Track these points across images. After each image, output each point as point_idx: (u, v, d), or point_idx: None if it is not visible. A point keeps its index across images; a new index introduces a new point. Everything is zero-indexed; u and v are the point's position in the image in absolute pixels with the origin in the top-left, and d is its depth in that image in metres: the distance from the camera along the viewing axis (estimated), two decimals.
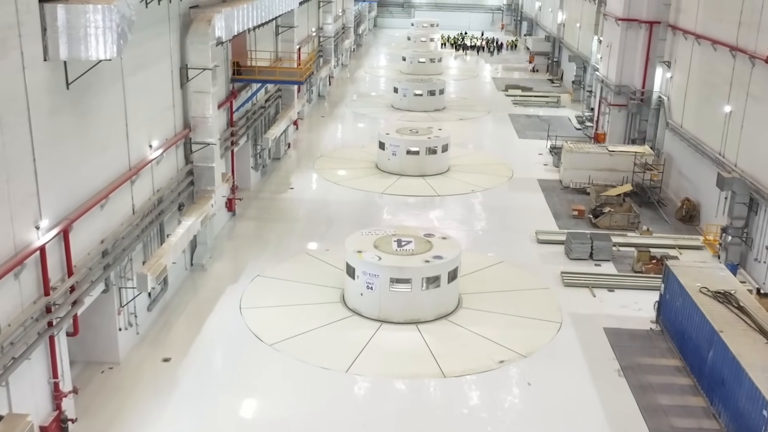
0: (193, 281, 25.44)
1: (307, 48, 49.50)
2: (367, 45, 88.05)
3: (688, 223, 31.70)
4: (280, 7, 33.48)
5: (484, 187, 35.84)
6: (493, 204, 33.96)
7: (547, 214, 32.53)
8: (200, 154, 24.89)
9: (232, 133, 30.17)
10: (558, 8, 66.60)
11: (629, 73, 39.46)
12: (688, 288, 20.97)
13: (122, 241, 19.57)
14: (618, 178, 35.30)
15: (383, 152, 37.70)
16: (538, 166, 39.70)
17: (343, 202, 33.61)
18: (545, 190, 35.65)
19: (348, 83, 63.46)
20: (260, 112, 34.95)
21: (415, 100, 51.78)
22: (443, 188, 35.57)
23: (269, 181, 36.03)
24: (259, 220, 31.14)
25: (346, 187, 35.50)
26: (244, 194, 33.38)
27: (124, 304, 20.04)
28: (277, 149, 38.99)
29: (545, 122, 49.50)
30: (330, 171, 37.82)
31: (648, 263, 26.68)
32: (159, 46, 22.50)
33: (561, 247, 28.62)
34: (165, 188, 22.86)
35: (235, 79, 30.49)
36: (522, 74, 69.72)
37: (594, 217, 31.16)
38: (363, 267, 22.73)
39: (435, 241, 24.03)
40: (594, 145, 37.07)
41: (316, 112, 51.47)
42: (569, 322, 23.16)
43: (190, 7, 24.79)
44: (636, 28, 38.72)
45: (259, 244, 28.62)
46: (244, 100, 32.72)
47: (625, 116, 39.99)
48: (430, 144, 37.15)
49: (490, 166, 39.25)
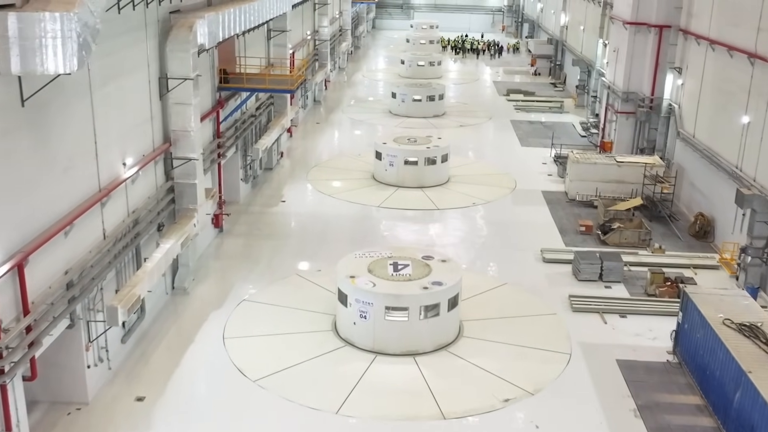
0: (175, 306, 23.68)
1: (302, 52, 47.76)
2: (365, 47, 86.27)
3: (702, 239, 29.94)
4: (271, 10, 31.68)
5: (486, 200, 34.07)
6: (495, 218, 32.20)
7: (552, 230, 30.77)
8: (182, 170, 23.13)
9: (219, 144, 28.43)
10: (561, 10, 64.83)
11: (637, 79, 37.69)
12: (710, 319, 19.22)
13: (91, 270, 17.82)
14: (627, 190, 33.56)
15: (380, 162, 35.94)
16: (542, 176, 37.94)
17: (338, 217, 31.86)
18: (550, 203, 33.91)
19: (345, 87, 61.70)
20: (250, 121, 33.21)
21: (413, 106, 50.01)
22: (443, 201, 33.81)
23: (260, 194, 34.28)
24: (248, 237, 29.38)
25: (340, 199, 33.74)
26: (233, 208, 31.63)
27: (93, 339, 18.30)
28: (269, 159, 37.24)
29: (548, 129, 47.75)
30: (324, 182, 36.06)
31: (662, 286, 24.93)
32: (135, 55, 20.75)
33: (568, 267, 26.88)
34: (142, 208, 21.12)
35: (222, 87, 28.75)
36: (524, 78, 67.96)
37: (603, 234, 29.40)
38: (356, 294, 20.97)
39: (434, 265, 22.27)
40: (601, 156, 35.31)
41: (311, 118, 49.71)
42: (579, 353, 21.40)
43: (171, 12, 23.04)
44: (645, 33, 36.96)
45: (247, 264, 26.86)
46: (233, 109, 30.99)
47: (633, 124, 38.23)
48: (429, 154, 35.39)
49: (492, 177, 37.49)
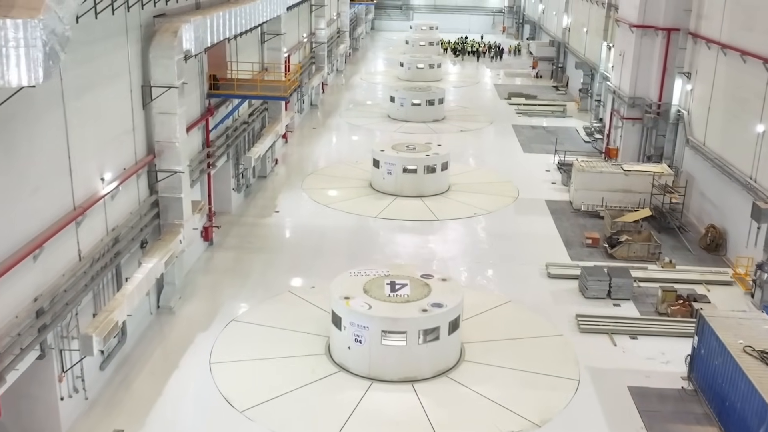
0: (159, 327, 22.40)
1: (298, 55, 46.49)
2: (364, 49, 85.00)
3: (713, 252, 28.65)
4: (265, 13, 30.43)
5: (488, 210, 32.78)
6: (497, 230, 30.91)
7: (557, 242, 29.49)
8: (166, 183, 21.85)
9: (209, 154, 27.14)
10: (563, 12, 63.54)
11: (644, 84, 36.41)
12: (729, 346, 17.94)
13: (64, 295, 16.56)
14: (634, 200, 32.29)
15: (378, 171, 34.65)
16: (545, 184, 36.66)
17: (333, 228, 30.57)
18: (554, 213, 32.62)
19: (343, 90, 60.41)
20: (243, 128, 31.93)
21: (412, 110, 48.72)
22: (443, 211, 32.52)
23: (253, 204, 32.98)
24: (239, 250, 28.08)
25: (336, 209, 32.44)
26: (224, 219, 30.36)
27: (66, 369, 17.03)
28: (262, 166, 35.94)
29: (551, 134, 46.50)
30: (320, 191, 34.77)
31: (674, 304, 23.66)
32: (115, 62, 19.46)
33: (575, 283, 25.59)
34: (123, 225, 19.83)
35: (212, 94, 27.45)
36: (525, 80, 66.69)
37: (610, 247, 28.11)
38: (350, 317, 19.69)
39: (433, 284, 20.99)
40: (607, 164, 34.03)
41: (307, 123, 48.43)
42: (588, 378, 20.11)
43: (155, 16, 21.76)
44: (652, 36, 35.69)
45: (238, 280, 25.58)
46: (224, 116, 29.70)
47: (640, 131, 36.95)
48: (428, 162, 34.09)
49: (494, 185, 36.20)
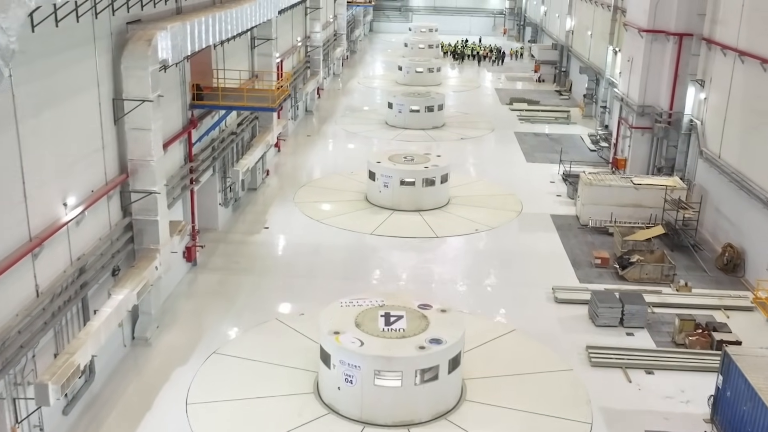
0: (134, 361, 20.61)
1: (292, 60, 44.69)
2: (362, 51, 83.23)
3: (731, 273, 26.85)
4: (254, 17, 28.63)
5: (490, 226, 30.98)
6: (500, 248, 29.11)
7: (564, 262, 27.69)
8: (141, 204, 20.05)
9: (191, 169, 25.34)
10: (566, 14, 61.76)
11: (654, 91, 34.60)
12: (761, 391, 16.16)
13: (18, 337, 14.78)
14: (645, 215, 30.51)
15: (373, 183, 32.84)
16: (550, 197, 34.86)
17: (326, 247, 28.76)
18: (560, 229, 30.82)
19: (339, 95, 58.61)
20: (230, 140, 30.13)
21: (411, 117, 46.91)
22: (443, 227, 30.71)
23: (241, 219, 31.16)
24: (225, 272, 26.26)
25: (330, 225, 30.64)
26: (210, 237, 28.58)
27: (21, 420, 15.24)
28: (252, 178, 34.14)
29: (555, 142, 44.72)
30: (313, 205, 32.95)
31: (693, 334, 21.88)
32: (81, 75, 17.66)
33: (584, 309, 23.82)
34: (90, 253, 18.04)
35: (195, 105, 25.67)
36: (527, 84, 64.87)
37: (621, 268, 26.33)
38: (340, 354, 17.90)
39: (432, 316, 19.18)
40: (616, 176, 32.22)
41: (302, 130, 46.62)
42: (601, 422, 18.32)
43: (129, 23, 19.96)
44: (662, 41, 33.89)
45: (222, 305, 23.78)
46: (210, 127, 27.90)
47: (649, 141, 35.14)
48: (427, 174, 32.29)
49: (496, 198, 34.40)
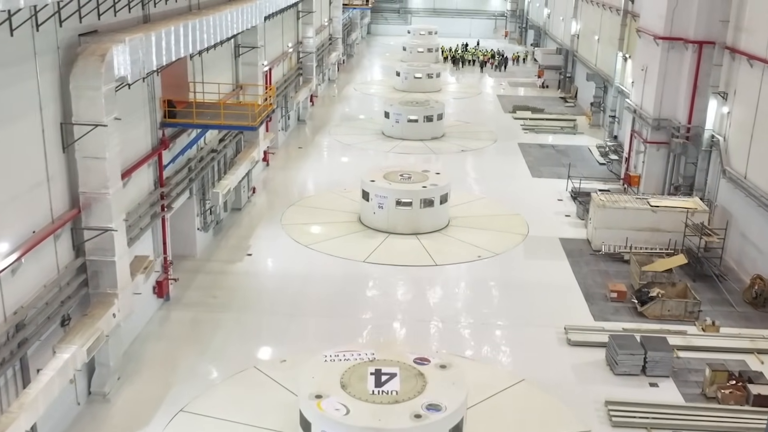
0: (90, 419, 18.02)
1: (283, 67, 42.11)
2: (359, 55, 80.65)
3: (760, 308, 24.27)
4: (235, 24, 26.06)
5: (494, 252, 28.38)
6: (505, 278, 26.50)
7: (576, 295, 25.13)
8: (96, 243, 17.46)
9: (163, 195, 22.77)
10: (571, 17, 59.18)
11: (671, 103, 32.03)
12: None
13: None
14: (663, 240, 27.96)
15: (367, 204, 30.26)
16: (558, 217, 32.28)
17: (314, 277, 26.17)
18: (571, 256, 28.25)
19: (334, 102, 56.03)
20: (210, 158, 27.56)
21: (409, 127, 44.32)
22: (442, 253, 28.13)
23: (223, 244, 28.55)
24: (200, 308, 23.65)
25: (319, 251, 28.03)
26: (187, 265, 26.03)
27: None
28: (237, 197, 31.58)
29: (561, 154, 42.16)
30: (301, 228, 30.36)
31: (725, 386, 19.31)
32: (17, 96, 15.08)
33: (601, 353, 21.24)
34: (31, 305, 15.47)
35: (167, 123, 23.10)
36: (530, 91, 62.30)
37: (640, 304, 23.76)
38: (322, 424, 15.35)
39: (429, 374, 16.62)
40: (630, 197, 29.61)
41: (293, 141, 44.04)
42: None
43: (82, 35, 17.38)
44: (680, 50, 31.33)
45: (194, 350, 21.19)
46: (185, 146, 25.33)
47: (666, 157, 32.54)
48: (425, 195, 29.71)
49: (500, 220, 31.81)
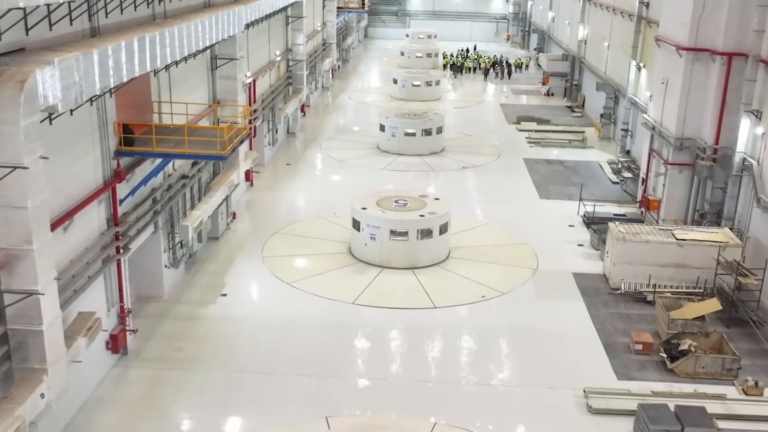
0: None
1: (269, 77, 38.97)
2: (356, 59, 77.56)
3: None
4: (208, 35, 22.92)
5: (500, 290, 25.22)
6: (514, 324, 23.32)
7: (594, 345, 21.98)
8: (18, 310, 14.29)
9: (118, 235, 19.64)
10: (578, 22, 56.05)
11: (695, 121, 28.87)
12: None
13: None
14: (690, 277, 24.88)
15: (359, 234, 27.14)
16: (570, 247, 29.13)
17: (295, 324, 22.91)
18: (586, 295, 25.12)
19: (328, 113, 52.88)
20: (181, 184, 24.43)
21: (406, 142, 41.19)
22: (442, 293, 24.98)
23: (194, 282, 25.35)
24: (162, 364, 20.41)
25: (302, 290, 24.85)
26: (152, 309, 22.93)
27: None
28: (213, 225, 28.44)
29: (571, 171, 39.04)
30: (284, 260, 27.22)
31: None
32: None
33: (627, 423, 18.10)
34: None
35: (123, 152, 19.95)
36: (534, 99, 59.21)
37: (670, 360, 20.63)
38: None
39: None
40: (653, 228, 26.42)
41: (282, 157, 40.89)
42: None
43: (4, 54, 14.24)
44: (707, 62, 28.20)
45: (150, 421, 18.00)
46: (149, 174, 22.20)
47: (689, 180, 29.38)
48: (423, 224, 26.57)
49: (506, 250, 28.65)
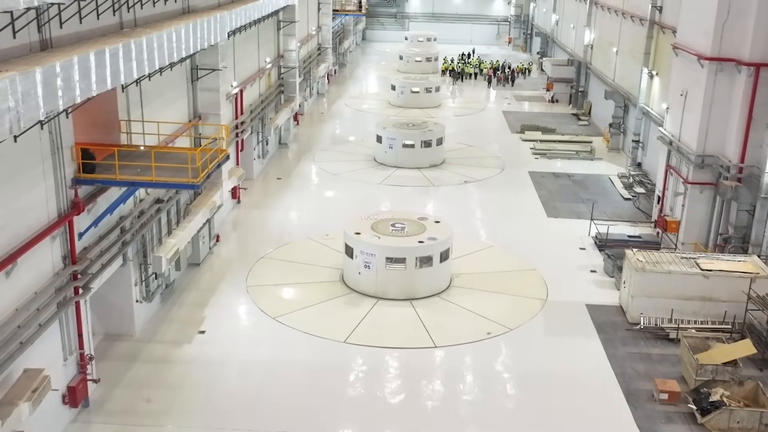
0: None
1: (259, 86, 36.63)
2: (352, 64, 75.19)
3: None
4: (185, 45, 20.61)
5: (506, 326, 22.86)
6: (522, 367, 20.88)
7: (614, 393, 19.63)
8: None
9: (76, 275, 17.30)
10: (584, 25, 53.72)
11: (718, 137, 26.54)
12: None
13: None
14: (716, 312, 22.58)
15: (352, 262, 24.80)
16: (583, 274, 26.80)
17: (279, 368, 20.47)
18: (602, 331, 22.78)
19: (323, 121, 50.48)
20: (156, 209, 22.10)
21: (404, 154, 38.85)
22: (442, 329, 22.61)
23: (170, 317, 22.93)
24: (127, 419, 17.93)
25: (289, 327, 22.46)
26: (121, 349, 20.63)
27: None
28: (194, 251, 26.12)
29: (579, 186, 36.71)
30: (271, 291, 24.85)
31: None
32: None
33: None
34: None
35: (82, 180, 17.61)
36: (538, 106, 56.82)
37: (700, 414, 18.30)
38: None
39: None
40: (674, 257, 24.02)
41: (272, 170, 38.53)
42: None
43: None
44: (731, 72, 25.88)
45: None
46: (117, 200, 19.86)
47: (711, 200, 27.02)
48: (422, 251, 24.24)
49: (513, 277, 26.31)
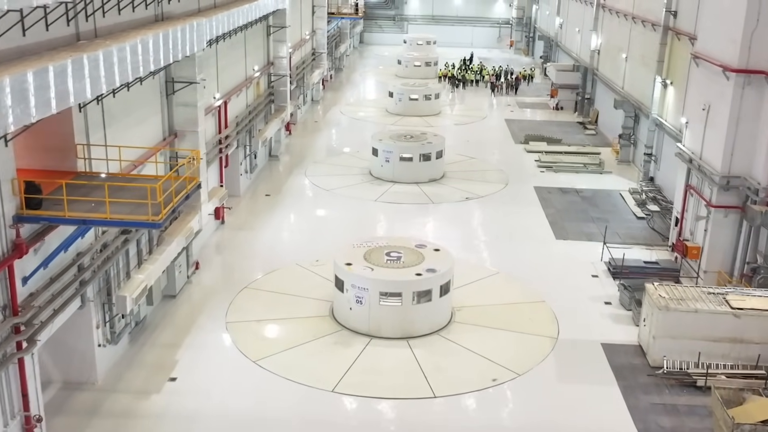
0: None
1: (246, 96, 34.27)
2: (349, 68, 72.82)
3: None
4: (155, 57, 18.36)
5: (514, 371, 20.41)
6: (534, 423, 18.48)
7: None
8: None
9: (18, 327, 14.91)
10: (590, 30, 51.37)
11: (746, 156, 24.17)
12: None
13: None
14: (748, 354, 20.26)
15: (343, 296, 22.40)
16: (596, 306, 24.42)
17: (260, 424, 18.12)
18: (621, 377, 20.36)
19: (316, 130, 48.10)
20: (123, 240, 19.72)
21: (402, 168, 36.47)
22: (442, 374, 20.17)
23: (138, 360, 20.49)
24: None
25: (272, 372, 20.03)
26: (80, 400, 18.24)
27: None
28: (169, 282, 23.75)
29: (589, 203, 34.32)
30: (252, 328, 22.41)
31: None
32: None
33: None
34: None
35: (25, 217, 15.23)
36: (542, 113, 54.42)
37: None
38: None
39: None
40: (701, 293, 21.56)
41: (261, 186, 36.15)
42: None
43: None
44: (761, 86, 23.51)
45: None
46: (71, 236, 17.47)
47: (737, 226, 24.65)
48: (420, 285, 21.83)
49: (520, 310, 23.91)
